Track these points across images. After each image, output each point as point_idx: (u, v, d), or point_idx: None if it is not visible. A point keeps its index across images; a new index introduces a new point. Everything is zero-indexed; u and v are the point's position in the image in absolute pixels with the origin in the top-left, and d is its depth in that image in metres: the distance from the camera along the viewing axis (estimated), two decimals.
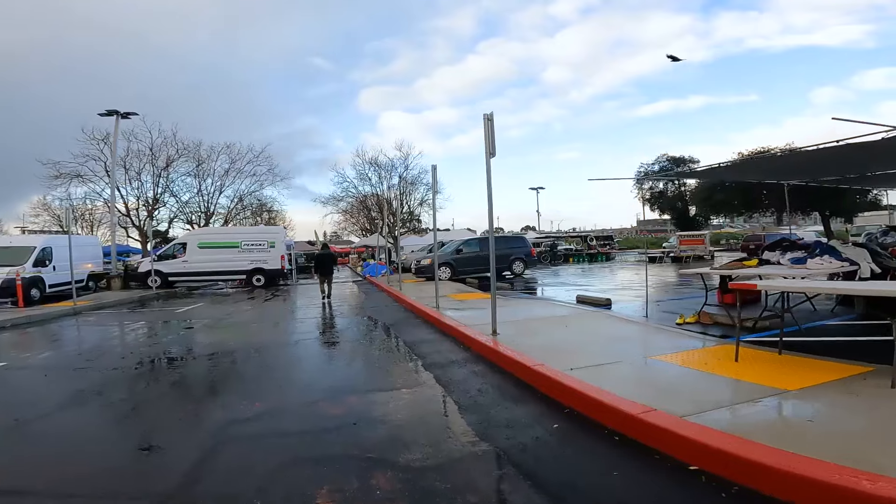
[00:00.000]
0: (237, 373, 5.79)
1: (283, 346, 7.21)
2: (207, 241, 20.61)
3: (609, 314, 8.46)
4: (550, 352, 5.45)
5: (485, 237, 19.77)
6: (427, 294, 12.87)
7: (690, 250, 29.40)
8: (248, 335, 8.47)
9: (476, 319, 7.96)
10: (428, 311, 9.35)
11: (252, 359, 6.43)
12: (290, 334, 8.37)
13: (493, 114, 6.38)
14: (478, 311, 9.13)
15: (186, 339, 8.32)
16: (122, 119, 23.13)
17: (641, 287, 14.34)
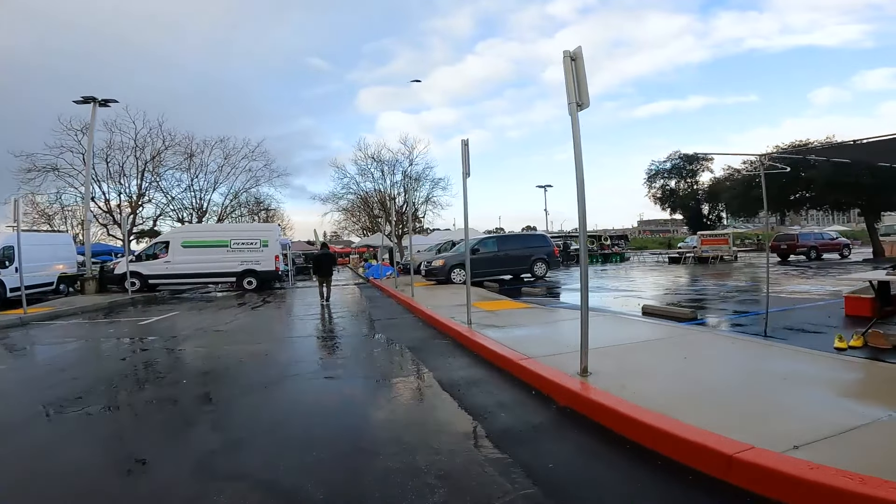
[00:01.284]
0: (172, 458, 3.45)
1: (262, 391, 4.84)
2: (192, 240, 18.23)
3: (718, 333, 6.15)
4: (707, 408, 3.16)
5: (503, 235, 17.50)
6: (445, 302, 10.57)
7: (713, 250, 27.23)
8: (215, 365, 6.12)
9: (534, 345, 5.63)
10: (459, 330, 7.01)
11: (206, 416, 4.08)
12: (276, 366, 5.99)
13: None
14: (526, 331, 6.82)
15: (122, 372, 5.97)
16: (102, 108, 20.73)
17: (692, 292, 12.05)
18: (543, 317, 8.29)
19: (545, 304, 10.09)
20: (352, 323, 9.36)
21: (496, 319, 7.98)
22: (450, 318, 8.09)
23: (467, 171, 7.50)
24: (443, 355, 5.95)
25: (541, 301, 10.83)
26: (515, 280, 17.20)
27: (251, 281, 18.39)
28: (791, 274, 15.89)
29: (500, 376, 4.88)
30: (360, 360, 5.98)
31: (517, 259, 17.12)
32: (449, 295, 12.56)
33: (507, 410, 3.85)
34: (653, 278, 16.84)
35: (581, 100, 4.21)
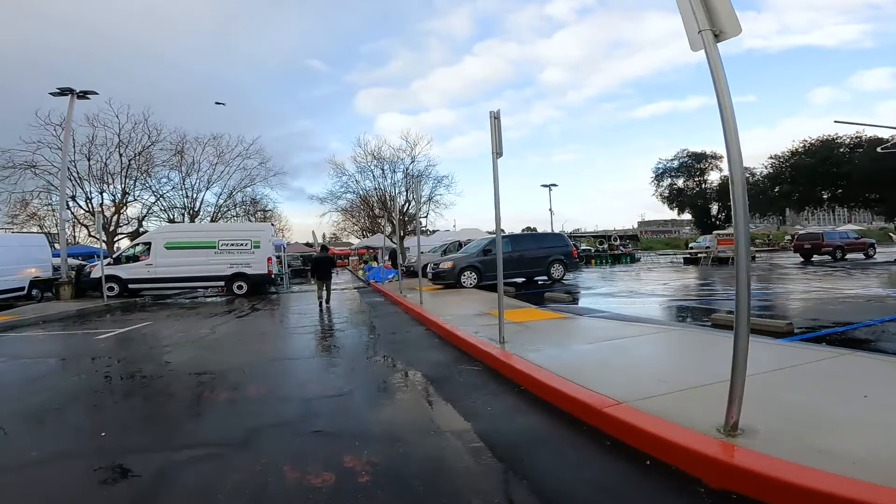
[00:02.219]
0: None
1: (213, 463, 3.19)
2: (176, 241, 16.53)
3: (865, 356, 4.43)
4: None
5: (517, 234, 15.87)
6: (460, 310, 8.94)
7: (732, 251, 25.51)
8: (158, 411, 4.45)
9: (608, 378, 3.96)
10: (492, 353, 5.34)
11: None
12: (245, 407, 4.30)
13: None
14: (582, 354, 5.18)
15: (21, 417, 4.31)
16: (81, 100, 19.05)
17: (730, 296, 9.45)
18: (593, 332, 6.63)
19: (581, 312, 8.43)
20: (351, 338, 7.68)
21: (533, 335, 6.32)
22: (473, 335, 6.43)
23: (499, 150, 5.87)
24: (477, 391, 4.28)
25: (572, 309, 9.17)
26: (529, 283, 15.55)
27: (241, 285, 16.70)
28: (836, 275, 14.28)
29: (573, 430, 3.21)
30: (364, 401, 4.29)
31: (533, 260, 15.49)
32: (462, 302, 10.90)
33: None
34: (682, 281, 15.20)
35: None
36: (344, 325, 9.07)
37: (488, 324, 7.52)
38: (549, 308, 9.21)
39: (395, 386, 4.70)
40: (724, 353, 2.88)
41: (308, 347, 6.95)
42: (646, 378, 3.92)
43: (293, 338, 7.80)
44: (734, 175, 2.68)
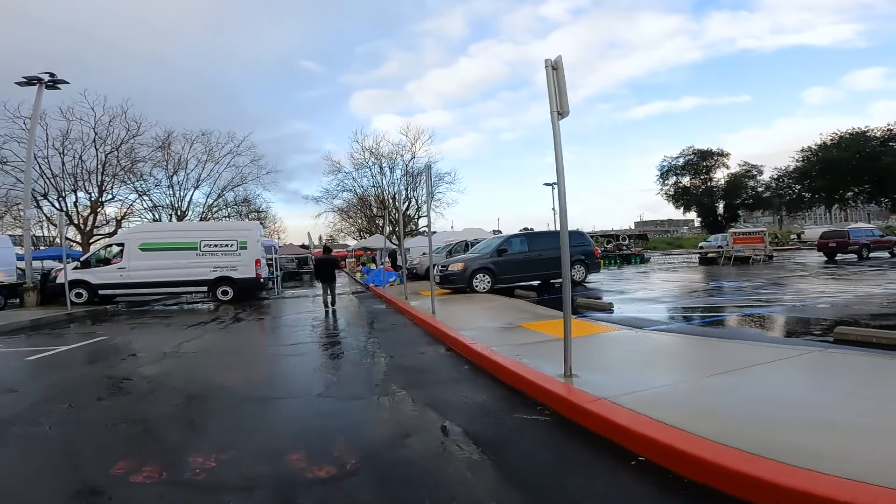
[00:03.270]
0: None
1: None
2: (153, 242, 14.70)
3: None
4: None
5: (534, 233, 14.17)
6: (483, 322, 7.27)
7: (750, 250, 24.12)
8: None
9: (840, 451, 2.20)
10: (573, 401, 3.58)
11: None
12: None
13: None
14: (716, 396, 3.41)
15: None
16: (50, 90, 17.21)
17: (833, 304, 7.58)
18: (690, 355, 4.92)
19: (638, 324, 6.70)
20: (351, 362, 5.90)
21: (601, 360, 4.61)
22: (516, 361, 4.71)
23: (561, 108, 4.12)
24: (571, 470, 2.55)
25: (622, 320, 7.44)
26: (546, 287, 13.85)
27: (227, 290, 14.89)
28: (890, 275, 12.66)
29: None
30: (378, 497, 2.54)
31: (551, 261, 13.72)
32: (481, 310, 9.17)
33: None
34: (720, 282, 13.51)
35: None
36: (343, 342, 7.31)
37: (527, 341, 5.82)
38: (590, 318, 7.50)
39: (424, 458, 2.94)
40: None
41: (291, 379, 5.18)
42: (824, 435, 2.20)
43: (274, 362, 6.03)
44: None
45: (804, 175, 26.55)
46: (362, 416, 3.77)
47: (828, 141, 28.13)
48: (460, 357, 5.60)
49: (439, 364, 5.38)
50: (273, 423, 3.72)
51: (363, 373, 5.17)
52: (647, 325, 6.72)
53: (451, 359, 5.61)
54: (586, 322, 7.08)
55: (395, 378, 4.86)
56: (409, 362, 5.57)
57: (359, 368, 5.40)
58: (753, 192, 41.17)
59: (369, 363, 5.64)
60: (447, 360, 5.57)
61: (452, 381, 4.67)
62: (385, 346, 6.62)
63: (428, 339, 6.91)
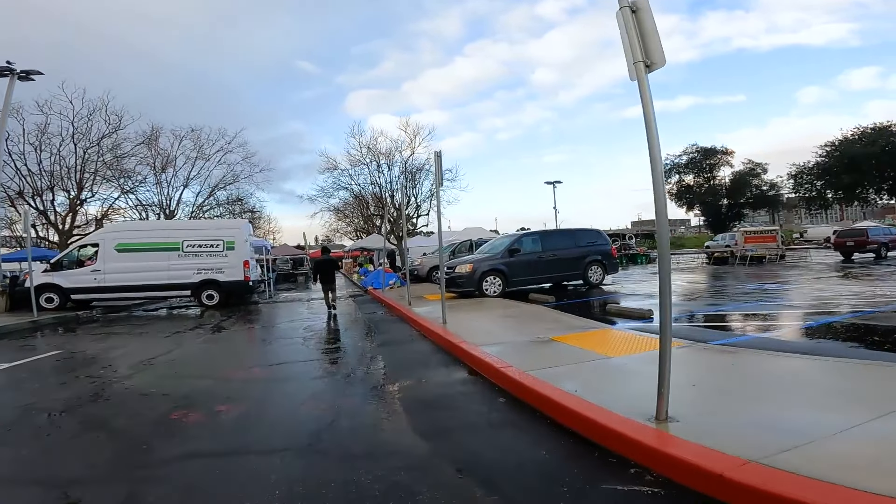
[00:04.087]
0: None
1: None
2: (130, 242, 13.36)
3: None
4: None
5: (548, 231, 12.98)
6: (506, 335, 6.05)
7: (763, 249, 23.08)
8: None
9: None
10: (675, 456, 2.36)
11: None
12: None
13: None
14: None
15: None
16: (23, 80, 15.82)
17: (872, 307, 7.33)
18: (790, 377, 3.67)
19: (698, 337, 5.47)
20: (352, 395, 4.61)
21: (691, 394, 3.37)
22: (577, 396, 3.49)
23: (647, 57, 2.98)
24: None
25: (683, 333, 6.22)
26: (559, 289, 12.66)
27: (212, 294, 13.58)
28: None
29: None
30: None
31: (567, 262, 12.59)
32: (498, 319, 7.95)
33: None
34: (756, 284, 12.34)
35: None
36: (338, 361, 6.05)
37: (570, 361, 4.64)
38: (633, 330, 6.27)
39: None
40: None
41: (271, 419, 3.88)
42: None
43: (251, 390, 4.75)
44: None
45: (826, 171, 25.50)
46: (369, 489, 2.51)
47: (849, 135, 27.20)
48: (490, 385, 4.37)
49: (465, 396, 4.13)
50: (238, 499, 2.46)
51: (367, 411, 3.91)
52: (711, 337, 5.50)
53: (477, 387, 4.37)
54: (631, 335, 5.87)
55: (411, 419, 3.61)
56: (425, 393, 4.32)
57: (360, 402, 4.14)
58: (758, 190, 40.20)
59: (373, 394, 4.38)
60: (473, 388, 4.33)
61: (489, 424, 3.44)
62: (391, 368, 5.36)
63: (442, 358, 5.67)
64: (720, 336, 5.70)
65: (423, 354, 5.97)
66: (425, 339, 7.02)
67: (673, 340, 5.46)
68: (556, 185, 41.05)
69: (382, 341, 7.10)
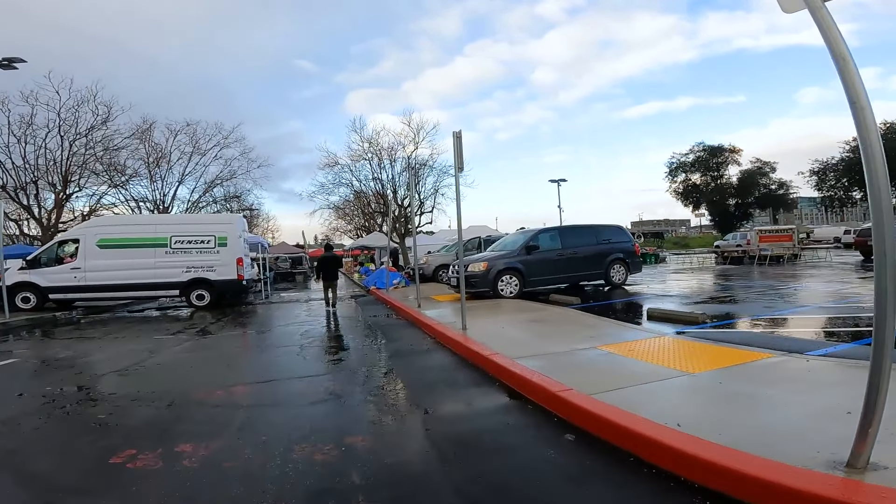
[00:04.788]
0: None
1: None
2: (113, 237, 12.24)
3: None
4: None
5: (567, 227, 11.88)
6: (539, 343, 4.97)
7: (781, 248, 22.11)
8: None
9: None
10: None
11: None
12: None
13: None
14: None
15: None
16: (6, 69, 14.69)
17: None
18: None
19: (791, 347, 4.39)
20: (362, 432, 3.55)
21: (852, 429, 2.28)
22: (691, 435, 2.39)
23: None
24: None
25: (744, 338, 5.13)
26: (575, 289, 11.59)
27: (202, 294, 12.48)
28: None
29: None
30: None
31: (587, 260, 11.52)
32: (528, 325, 6.84)
33: None
34: (802, 283, 11.28)
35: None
36: (340, 377, 4.95)
37: (642, 381, 3.59)
38: (694, 338, 5.19)
39: None
40: None
41: (249, 475, 2.81)
42: None
43: (226, 422, 3.63)
44: None
45: (850, 167, 24.43)
46: None
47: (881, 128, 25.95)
48: (544, 414, 3.29)
49: (516, 431, 3.05)
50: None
51: (387, 459, 2.80)
52: (807, 347, 4.43)
53: (527, 416, 3.30)
54: (697, 344, 4.79)
55: (450, 472, 2.52)
56: (461, 426, 3.24)
57: (376, 444, 3.04)
58: (766, 189, 39.23)
59: (393, 429, 3.29)
60: (523, 419, 3.25)
61: (567, 478, 2.36)
62: (409, 388, 4.28)
63: (470, 374, 4.59)
64: (817, 345, 4.62)
65: (444, 369, 4.89)
66: (443, 347, 5.93)
67: (757, 351, 4.40)
68: (560, 183, 40.03)
69: (393, 351, 6.00)
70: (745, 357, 4.20)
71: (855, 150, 26.23)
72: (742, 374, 3.70)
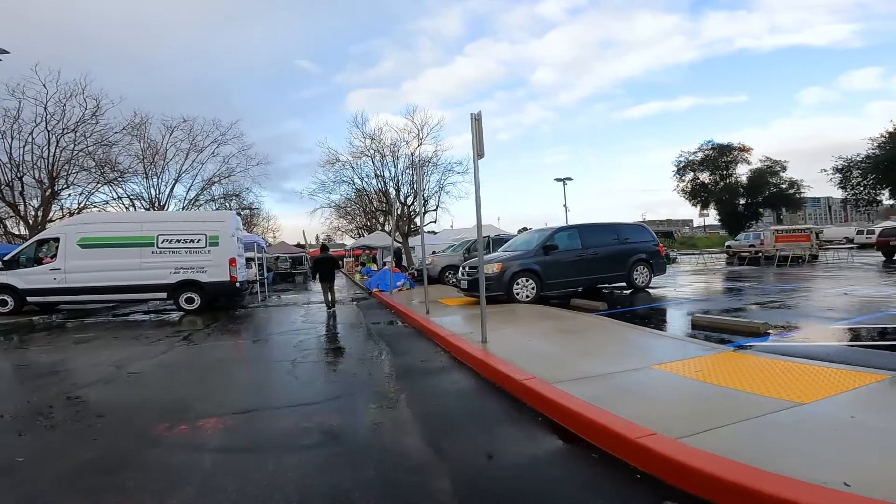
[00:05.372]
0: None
1: None
2: (96, 236, 11.31)
3: None
4: None
5: (586, 225, 10.90)
6: (579, 361, 3.98)
7: (799, 248, 21.24)
8: None
9: None
10: None
11: None
12: None
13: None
14: None
15: None
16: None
17: None
18: None
19: (880, 363, 3.46)
20: (373, 497, 2.63)
21: None
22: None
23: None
24: None
25: (822, 353, 4.17)
26: (593, 293, 10.66)
27: (192, 297, 11.55)
28: None
29: None
30: None
31: (609, 261, 10.59)
32: (557, 336, 5.89)
33: None
34: (862, 288, 10.32)
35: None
36: (339, 410, 4.00)
37: (745, 415, 2.55)
38: (766, 353, 4.23)
39: None
40: None
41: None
42: None
43: (181, 478, 2.69)
44: None
45: (877, 165, 23.40)
46: None
47: None
48: (617, 466, 2.36)
49: (589, 495, 2.11)
50: None
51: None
52: (888, 363, 3.48)
53: (598, 474, 2.35)
54: (779, 362, 3.83)
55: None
56: (502, 488, 2.30)
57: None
58: (776, 188, 38.22)
59: (408, 497, 2.35)
60: (592, 477, 2.31)
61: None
62: (426, 427, 3.32)
63: (499, 403, 3.65)
64: None
65: (466, 395, 3.95)
66: (461, 365, 4.99)
67: (872, 371, 3.46)
68: (566, 182, 39.05)
69: (402, 369, 5.06)
70: (856, 379, 3.27)
71: (883, 146, 25.12)
72: (872, 403, 2.77)
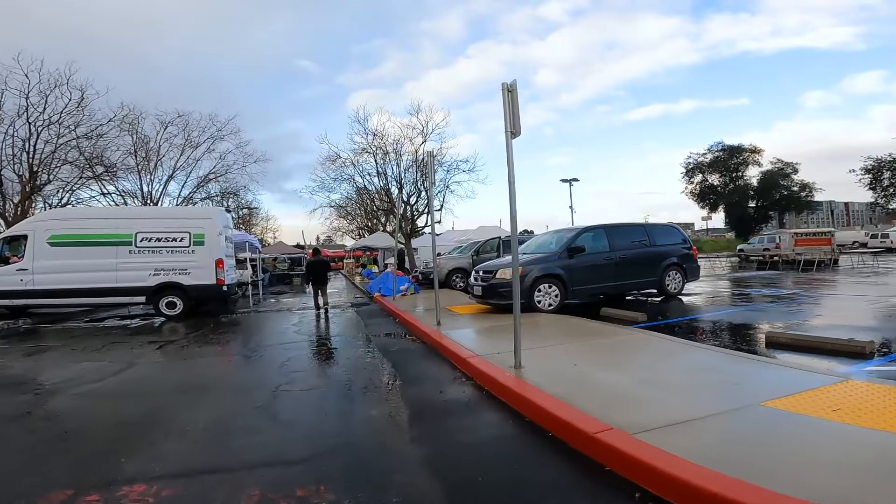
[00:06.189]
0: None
1: None
2: (67, 234, 10.14)
3: None
4: None
5: (619, 224, 9.73)
6: (664, 398, 3.23)
7: (819, 252, 20.23)
8: None
9: None
10: None
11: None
12: None
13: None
14: None
15: None
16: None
17: None
18: None
19: None
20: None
21: None
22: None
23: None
24: None
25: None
26: (617, 299, 9.53)
27: (174, 302, 10.37)
28: None
29: None
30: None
31: (640, 265, 9.44)
32: (597, 354, 4.70)
33: None
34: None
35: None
36: (326, 482, 2.83)
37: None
38: (879, 378, 3.06)
39: None
40: None
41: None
42: None
43: None
44: None
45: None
46: None
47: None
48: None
49: None
50: None
51: None
52: None
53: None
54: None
55: None
56: None
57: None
58: (787, 191, 37.11)
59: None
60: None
61: None
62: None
63: (564, 463, 2.47)
64: None
65: (509, 451, 2.78)
66: (491, 399, 3.82)
67: None
68: (571, 183, 37.93)
69: (416, 406, 3.87)
70: None
71: None
72: None
